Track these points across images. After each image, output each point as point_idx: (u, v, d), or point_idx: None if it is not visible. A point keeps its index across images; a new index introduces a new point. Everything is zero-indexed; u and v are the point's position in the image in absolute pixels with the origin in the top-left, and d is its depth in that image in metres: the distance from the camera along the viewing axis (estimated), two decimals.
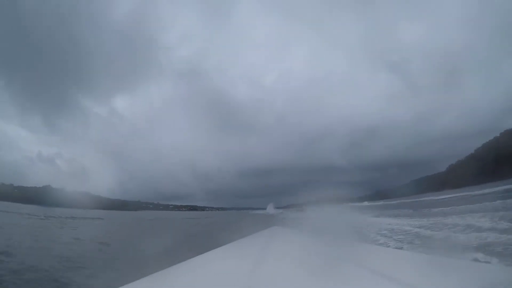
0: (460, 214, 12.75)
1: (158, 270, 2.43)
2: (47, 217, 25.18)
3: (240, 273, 2.29)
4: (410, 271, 2.26)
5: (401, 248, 6.51)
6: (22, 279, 6.32)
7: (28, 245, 10.24)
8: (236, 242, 3.86)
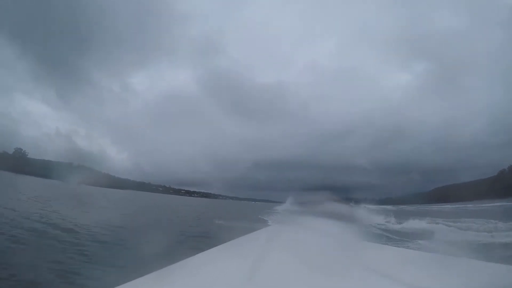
0: None
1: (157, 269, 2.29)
2: None
3: (238, 272, 2.22)
4: (411, 270, 2.22)
5: (402, 247, 6.39)
6: None
7: None
8: (234, 241, 3.78)
